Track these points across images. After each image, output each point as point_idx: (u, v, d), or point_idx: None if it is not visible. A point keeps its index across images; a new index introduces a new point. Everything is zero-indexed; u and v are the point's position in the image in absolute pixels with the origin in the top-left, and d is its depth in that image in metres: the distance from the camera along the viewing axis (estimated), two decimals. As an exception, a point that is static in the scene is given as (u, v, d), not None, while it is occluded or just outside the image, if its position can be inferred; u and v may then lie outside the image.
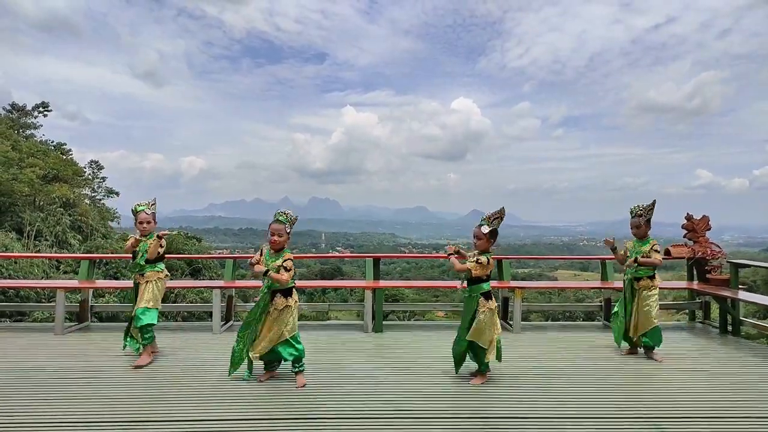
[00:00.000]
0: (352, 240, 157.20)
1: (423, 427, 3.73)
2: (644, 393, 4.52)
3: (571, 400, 4.28)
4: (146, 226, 5.30)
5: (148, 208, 5.36)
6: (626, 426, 3.77)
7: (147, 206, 5.37)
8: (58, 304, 6.46)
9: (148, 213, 5.33)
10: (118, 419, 3.78)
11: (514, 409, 4.07)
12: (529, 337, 6.51)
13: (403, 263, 62.79)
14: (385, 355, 5.75)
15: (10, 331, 6.65)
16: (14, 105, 34.53)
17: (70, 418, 3.79)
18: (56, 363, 5.20)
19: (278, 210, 4.75)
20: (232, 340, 5.72)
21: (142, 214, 5.29)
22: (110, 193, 38.64)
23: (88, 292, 7.05)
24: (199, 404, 4.09)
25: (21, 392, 4.31)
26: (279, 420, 3.81)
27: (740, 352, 5.91)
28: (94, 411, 3.93)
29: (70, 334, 6.47)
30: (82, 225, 30.79)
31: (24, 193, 27.77)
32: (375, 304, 6.81)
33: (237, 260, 7.64)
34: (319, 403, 4.16)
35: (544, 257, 26.37)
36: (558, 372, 5.07)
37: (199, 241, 35.70)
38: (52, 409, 3.95)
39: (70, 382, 4.62)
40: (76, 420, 3.75)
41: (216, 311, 6.60)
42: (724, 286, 6.88)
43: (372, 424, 3.76)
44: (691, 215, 7.39)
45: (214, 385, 4.57)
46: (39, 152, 30.84)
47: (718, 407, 4.15)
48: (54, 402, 4.10)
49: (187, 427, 3.66)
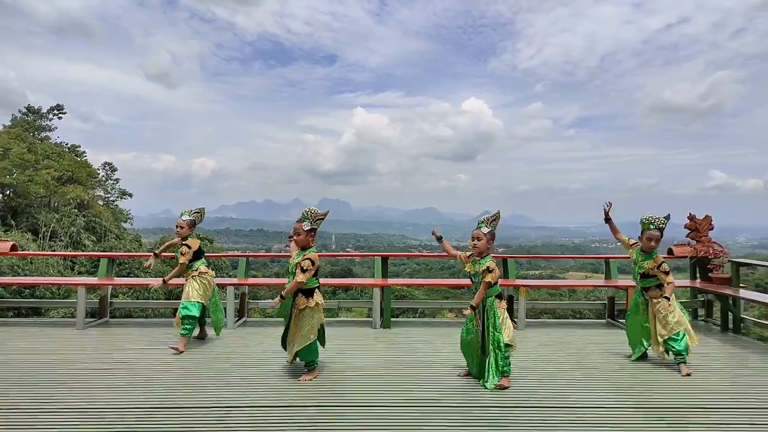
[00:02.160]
0: (362, 241, 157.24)
1: (424, 416, 3.91)
2: (645, 386, 4.69)
3: (573, 392, 4.46)
4: (179, 230, 5.79)
5: (188, 214, 5.86)
6: (626, 417, 3.94)
7: (188, 213, 5.87)
8: (78, 300, 6.76)
9: (183, 219, 5.82)
10: (137, 405, 4.02)
11: (516, 401, 4.26)
12: (535, 335, 6.67)
13: (414, 264, 62.75)
14: (391, 349, 5.97)
15: (34, 326, 6.93)
16: (30, 107, 35.01)
17: (92, 404, 4.04)
18: (78, 355, 5.50)
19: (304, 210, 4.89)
20: (245, 335, 5.99)
21: (179, 219, 5.86)
22: (123, 195, 39.08)
23: (106, 289, 7.32)
24: (214, 392, 4.32)
25: (46, 381, 4.58)
26: (291, 407, 4.03)
27: (740, 349, 6.05)
28: (114, 397, 4.17)
29: (89, 329, 6.75)
30: (96, 226, 31.23)
31: (39, 194, 28.23)
32: (383, 302, 7.03)
33: (249, 259, 7.85)
34: (329, 392, 4.38)
35: (547, 256, 26.35)
36: (561, 367, 5.25)
37: (211, 242, 36.05)
38: (74, 395, 4.22)
39: (91, 371, 4.90)
40: (97, 406, 4.00)
41: (230, 307, 6.85)
42: (726, 284, 7.01)
43: (376, 413, 3.95)
44: (693, 215, 7.53)
45: (230, 376, 4.81)
46: (54, 154, 31.29)
47: (716, 399, 4.32)
48: (75, 390, 4.36)
49: (204, 413, 3.88)
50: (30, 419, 3.75)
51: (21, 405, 4.00)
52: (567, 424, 3.82)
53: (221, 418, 3.79)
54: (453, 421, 3.84)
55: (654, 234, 5.19)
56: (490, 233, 4.71)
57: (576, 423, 3.83)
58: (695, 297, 7.63)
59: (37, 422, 3.70)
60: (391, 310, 7.12)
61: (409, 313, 16.56)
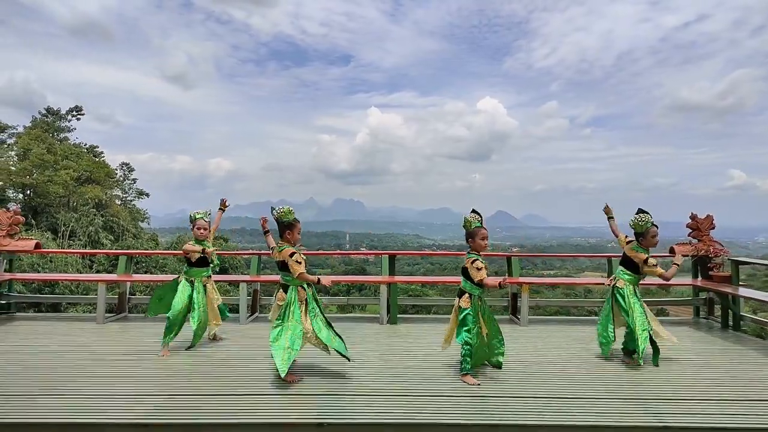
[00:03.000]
0: (376, 241, 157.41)
1: (423, 404, 4.14)
2: (643, 377, 4.90)
3: (574, 384, 4.68)
4: (203, 232, 5.87)
5: (206, 216, 5.95)
6: (627, 407, 4.14)
7: (204, 215, 5.95)
8: (99, 296, 7.10)
9: (206, 221, 5.93)
10: (158, 392, 4.32)
11: (513, 391, 4.49)
12: (537, 330, 6.87)
13: (428, 264, 62.79)
14: (396, 342, 6.21)
15: (58, 320, 7.28)
16: (49, 109, 35.59)
17: (117, 391, 4.34)
18: (100, 347, 5.83)
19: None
20: (257, 330, 6.27)
21: (201, 221, 5.88)
22: (140, 195, 39.66)
23: (125, 286, 7.65)
24: (229, 381, 4.62)
25: (73, 371, 4.90)
26: (303, 395, 4.30)
27: (738, 344, 6.19)
28: (137, 385, 4.48)
29: (110, 323, 7.07)
30: (114, 225, 31.80)
31: (59, 194, 28.82)
32: (390, 298, 7.27)
33: (261, 257, 8.11)
34: (335, 381, 4.64)
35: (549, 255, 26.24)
36: (561, 360, 5.46)
37: (226, 242, 36.51)
38: (100, 384, 4.52)
39: (114, 361, 5.22)
40: (122, 393, 4.30)
41: (242, 304, 7.14)
42: (726, 282, 7.15)
43: (379, 400, 4.20)
44: (695, 214, 7.67)
45: (243, 365, 5.11)
46: (73, 155, 31.86)
47: (714, 391, 4.53)
48: (101, 378, 4.67)
49: (221, 400, 4.16)
50: (61, 405, 4.04)
51: (53, 392, 4.31)
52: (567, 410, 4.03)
53: (237, 405, 4.06)
54: (445, 410, 4.07)
55: (655, 230, 5.46)
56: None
57: (576, 408, 4.04)
58: (697, 295, 7.77)
59: (67, 408, 3.98)
60: (397, 306, 7.36)
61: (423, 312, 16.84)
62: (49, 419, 3.81)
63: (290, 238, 4.92)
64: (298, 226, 4.96)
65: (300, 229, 5.01)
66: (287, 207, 4.94)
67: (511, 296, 7.72)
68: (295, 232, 4.93)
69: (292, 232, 4.93)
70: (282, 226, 4.94)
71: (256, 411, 3.96)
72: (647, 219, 5.44)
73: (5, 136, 32.22)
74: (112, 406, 4.02)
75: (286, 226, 4.92)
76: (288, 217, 4.90)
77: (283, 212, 4.89)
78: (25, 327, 6.81)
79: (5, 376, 4.70)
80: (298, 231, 4.97)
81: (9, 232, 7.53)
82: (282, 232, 4.94)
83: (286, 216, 4.89)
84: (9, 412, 3.89)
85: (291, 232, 4.92)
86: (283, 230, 4.93)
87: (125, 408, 4.00)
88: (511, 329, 6.87)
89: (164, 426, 3.77)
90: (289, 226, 4.92)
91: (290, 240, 4.91)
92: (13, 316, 7.50)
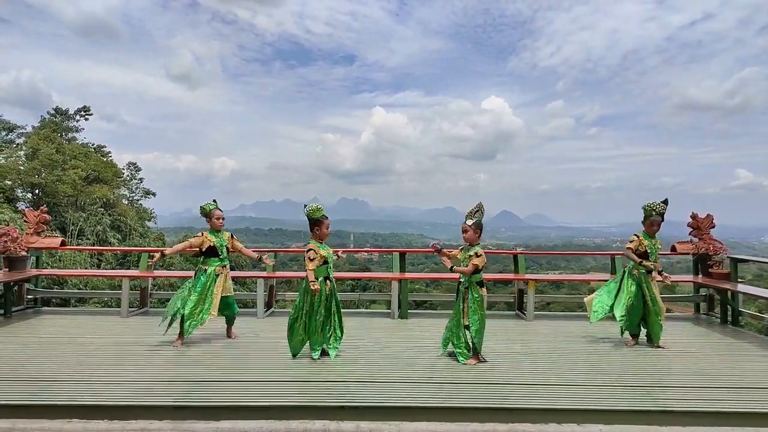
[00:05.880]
0: (380, 240, 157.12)
1: (434, 390, 4.41)
2: (647, 367, 5.16)
3: (577, 372, 4.95)
4: (222, 221, 5.92)
5: (218, 205, 5.97)
6: (633, 394, 4.40)
7: (216, 205, 5.97)
8: (123, 291, 7.42)
9: (221, 210, 5.95)
10: (182, 378, 4.61)
11: (512, 379, 4.75)
12: (542, 325, 7.14)
13: (432, 263, 62.95)
14: (406, 335, 6.51)
15: (84, 314, 7.65)
16: (57, 109, 35.81)
17: (144, 377, 4.64)
18: (126, 338, 6.14)
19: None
20: (273, 325, 6.55)
21: (217, 210, 5.90)
22: (147, 194, 39.91)
23: (147, 281, 7.95)
24: (248, 367, 4.91)
25: (102, 360, 5.20)
26: (317, 382, 4.58)
27: (736, 339, 6.45)
28: (163, 372, 4.78)
29: (133, 317, 7.40)
30: (121, 225, 32.07)
31: (67, 193, 29.08)
32: (401, 294, 7.56)
33: (278, 254, 8.39)
34: (346, 369, 4.93)
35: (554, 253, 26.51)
36: (568, 351, 5.72)
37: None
38: (128, 371, 4.82)
39: (140, 351, 5.52)
40: (149, 378, 4.59)
41: (260, 299, 7.45)
42: (725, 279, 7.40)
43: (394, 386, 4.48)
44: (696, 214, 7.93)
45: (260, 354, 5.41)
46: (81, 154, 32.11)
47: (713, 379, 4.80)
48: (128, 366, 4.97)
49: (247, 383, 4.45)
50: (93, 390, 4.33)
51: (84, 378, 4.60)
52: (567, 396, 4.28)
53: (264, 388, 4.35)
54: (443, 396, 4.32)
55: (656, 219, 5.94)
56: (475, 224, 5.20)
57: (577, 395, 4.29)
58: (698, 292, 8.04)
59: (98, 392, 4.27)
60: (408, 302, 7.65)
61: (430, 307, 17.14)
62: (80, 402, 4.07)
63: (318, 233, 5.28)
64: (326, 222, 5.31)
65: (328, 224, 5.35)
66: (315, 204, 5.28)
67: (517, 292, 8.00)
68: (323, 228, 5.29)
69: (320, 228, 5.28)
70: (311, 222, 5.29)
71: (282, 394, 4.24)
72: (655, 206, 5.92)
73: (14, 135, 32.54)
74: (140, 389, 4.31)
75: (314, 222, 5.27)
76: (316, 215, 5.26)
77: (312, 210, 5.26)
78: (53, 320, 7.13)
79: (42, 363, 5.02)
80: (326, 227, 5.32)
81: (36, 230, 7.83)
82: (311, 228, 5.30)
83: (314, 213, 5.26)
84: (45, 395, 4.17)
85: (319, 228, 5.28)
86: (312, 226, 5.29)
87: (154, 390, 4.30)
88: (517, 324, 7.19)
89: (193, 408, 4.02)
90: (317, 223, 5.28)
91: (318, 236, 5.28)
92: (40, 310, 7.81)
